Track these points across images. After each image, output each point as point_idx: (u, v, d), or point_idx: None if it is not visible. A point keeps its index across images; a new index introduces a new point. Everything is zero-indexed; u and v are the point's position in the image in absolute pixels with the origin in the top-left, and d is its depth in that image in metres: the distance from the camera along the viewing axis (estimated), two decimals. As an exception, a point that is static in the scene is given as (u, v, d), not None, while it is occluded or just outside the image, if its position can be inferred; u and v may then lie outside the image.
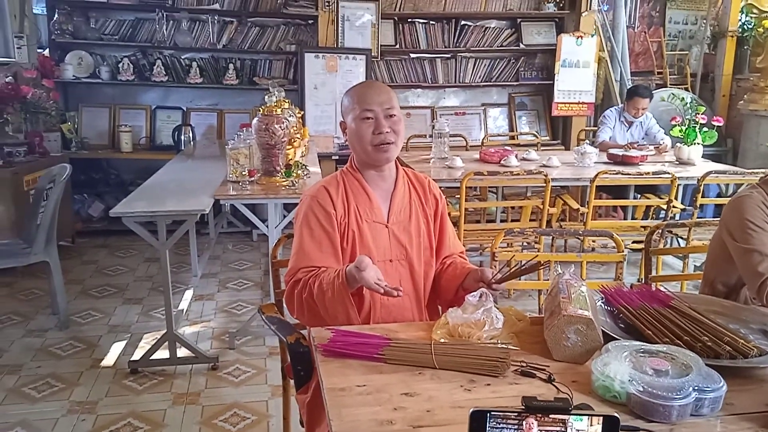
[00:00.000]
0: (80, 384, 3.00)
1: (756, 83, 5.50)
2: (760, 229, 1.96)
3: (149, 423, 2.70)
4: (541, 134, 5.98)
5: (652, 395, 1.20)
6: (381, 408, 1.25)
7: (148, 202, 3.11)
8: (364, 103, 1.79)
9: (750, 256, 1.95)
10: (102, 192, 5.45)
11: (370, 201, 1.84)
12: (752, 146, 5.48)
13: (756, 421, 1.22)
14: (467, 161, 4.36)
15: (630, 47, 6.09)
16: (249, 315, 3.72)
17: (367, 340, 1.47)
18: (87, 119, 5.45)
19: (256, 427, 2.68)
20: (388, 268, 1.83)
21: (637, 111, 4.90)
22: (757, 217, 1.98)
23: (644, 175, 3.98)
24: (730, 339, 1.46)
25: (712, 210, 5.19)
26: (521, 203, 4.26)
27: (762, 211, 1.99)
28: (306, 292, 1.71)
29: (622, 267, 2.30)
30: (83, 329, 3.60)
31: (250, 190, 3.32)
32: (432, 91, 6.15)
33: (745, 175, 4.01)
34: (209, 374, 3.11)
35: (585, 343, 1.43)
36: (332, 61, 5.36)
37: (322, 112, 5.42)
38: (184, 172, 3.97)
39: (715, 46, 6.30)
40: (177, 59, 5.50)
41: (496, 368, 1.37)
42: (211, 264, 4.75)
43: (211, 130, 5.68)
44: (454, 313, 1.56)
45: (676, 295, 1.74)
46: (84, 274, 4.50)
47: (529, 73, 6.08)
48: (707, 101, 6.07)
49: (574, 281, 1.62)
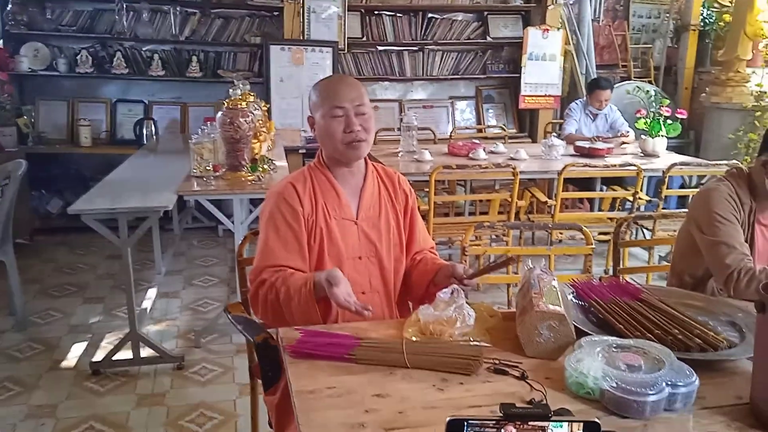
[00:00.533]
0: (39, 387, 2.90)
1: (717, 76, 5.60)
2: (727, 222, 1.98)
3: (112, 426, 2.62)
4: (508, 127, 5.99)
5: (626, 391, 1.19)
6: (352, 410, 1.21)
7: (109, 199, 3.01)
8: (335, 99, 1.74)
9: (717, 248, 1.97)
10: (61, 188, 5.28)
11: (339, 198, 1.80)
12: (714, 138, 5.58)
13: (728, 414, 1.22)
14: (435, 155, 4.34)
15: (595, 41, 6.14)
16: (215, 312, 3.65)
17: (336, 341, 1.43)
18: (44, 113, 5.27)
19: (223, 427, 2.62)
20: (358, 266, 1.79)
21: (600, 103, 4.94)
22: (724, 209, 1.99)
23: (611, 167, 4.01)
24: (700, 332, 1.47)
25: (675, 201, 5.27)
26: (490, 196, 4.26)
27: (729, 204, 2.00)
28: (272, 294, 1.66)
29: (591, 260, 2.30)
30: (42, 330, 3.49)
31: (215, 185, 3.24)
32: (400, 84, 6.12)
33: (708, 167, 4.07)
34: (174, 374, 3.04)
35: (558, 339, 1.42)
36: (298, 54, 5.28)
37: (288, 105, 5.34)
38: (147, 168, 3.87)
39: (677, 40, 6.40)
40: (138, 51, 5.35)
41: (469, 366, 1.35)
42: (175, 261, 4.65)
43: (174, 124, 5.55)
44: (425, 310, 1.53)
45: (646, 288, 1.74)
46: (42, 272, 4.35)
47: (496, 66, 6.09)
48: (670, 94, 6.16)
49: (545, 276, 1.60)
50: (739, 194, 2.03)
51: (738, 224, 2.00)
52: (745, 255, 1.95)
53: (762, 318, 1.20)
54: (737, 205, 2.02)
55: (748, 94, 5.37)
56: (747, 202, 2.04)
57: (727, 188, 2.04)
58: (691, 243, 2.10)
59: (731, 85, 5.45)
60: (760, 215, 2.06)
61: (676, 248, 2.25)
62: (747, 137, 5.22)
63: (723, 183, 2.07)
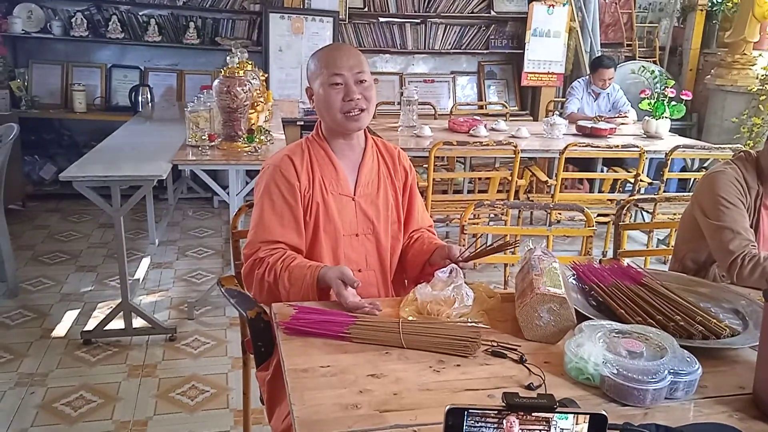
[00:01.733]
0: (29, 355, 2.87)
1: (723, 58, 5.52)
2: (732, 206, 1.94)
3: (103, 396, 2.60)
4: (509, 104, 5.92)
5: (627, 378, 1.16)
6: (346, 390, 1.18)
7: (103, 166, 2.96)
8: (333, 67, 1.68)
9: (721, 233, 1.93)
10: (54, 153, 5.21)
11: (337, 172, 1.75)
12: (717, 121, 5.52)
13: (730, 404, 1.19)
14: (436, 130, 4.28)
15: (601, 18, 6.04)
16: (209, 284, 3.62)
17: (331, 318, 1.40)
18: (38, 76, 5.17)
19: (215, 400, 2.61)
20: (354, 243, 1.75)
21: (603, 82, 4.87)
22: (730, 193, 1.95)
23: (613, 148, 3.96)
24: (702, 318, 1.44)
25: (676, 184, 5.23)
26: (490, 174, 4.21)
27: (735, 188, 1.96)
28: (270, 276, 1.62)
29: (591, 242, 2.27)
30: (33, 297, 3.45)
31: (210, 155, 3.18)
32: (401, 56, 6.02)
33: (711, 150, 4.02)
34: (166, 345, 3.01)
35: (558, 323, 1.38)
36: (298, 23, 5.17)
37: (287, 75, 5.25)
38: (141, 135, 3.80)
39: (684, 20, 6.29)
40: (134, 15, 5.24)
41: (467, 348, 1.32)
42: (169, 231, 4.60)
43: (170, 91, 5.46)
44: (423, 289, 1.49)
45: (647, 272, 1.70)
46: (35, 239, 4.31)
47: (499, 42, 5.99)
48: (674, 75, 6.08)
49: (545, 257, 1.57)
50: (746, 178, 1.99)
51: (743, 209, 1.96)
52: (749, 241, 1.91)
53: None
54: (744, 189, 1.98)
55: (753, 78, 5.30)
56: (754, 187, 1.99)
57: (733, 172, 1.99)
58: (695, 227, 2.06)
59: (737, 68, 5.37)
60: (766, 200, 2.02)
61: (679, 232, 2.21)
62: (751, 121, 5.16)
63: (729, 166, 2.02)
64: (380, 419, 1.09)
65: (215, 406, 2.57)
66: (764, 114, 5.13)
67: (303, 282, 1.57)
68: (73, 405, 2.53)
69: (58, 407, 2.51)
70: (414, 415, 1.11)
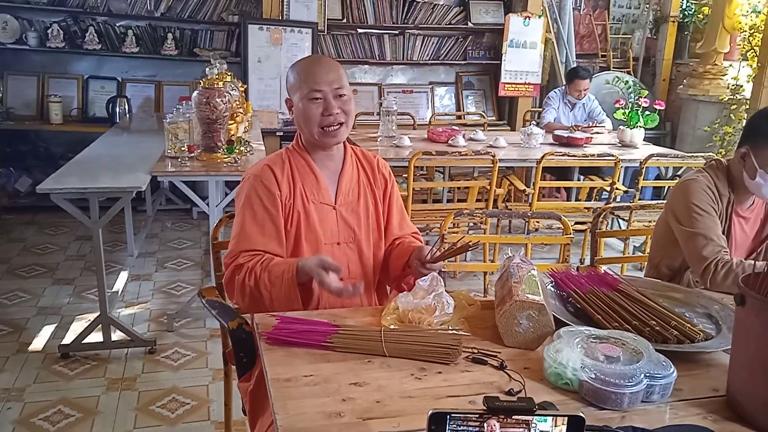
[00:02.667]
0: (6, 370, 2.83)
1: (695, 68, 5.64)
2: (705, 213, 1.98)
3: (82, 410, 2.56)
4: (487, 114, 5.98)
5: (604, 382, 1.19)
6: (329, 399, 1.19)
7: (80, 178, 2.93)
8: (313, 82, 1.69)
9: (695, 240, 1.98)
10: (30, 166, 5.14)
11: (318, 181, 1.76)
12: (690, 130, 5.64)
13: (704, 406, 1.22)
14: (415, 140, 4.31)
15: (576, 29, 6.14)
16: (189, 296, 3.59)
17: (313, 328, 1.41)
18: (13, 88, 5.11)
19: (196, 412, 2.59)
20: (336, 252, 1.76)
21: (579, 93, 4.95)
22: (702, 201, 2.00)
23: (589, 157, 4.02)
24: (677, 323, 1.47)
25: (651, 192, 5.32)
26: (469, 184, 4.25)
27: (708, 195, 2.01)
28: (250, 280, 1.62)
29: (568, 249, 2.30)
30: (9, 311, 3.40)
31: (190, 166, 3.18)
32: (379, 67, 6.06)
33: (685, 158, 4.11)
34: (146, 358, 2.99)
35: (537, 329, 1.40)
36: (277, 34, 5.19)
37: (266, 86, 5.25)
38: (119, 147, 3.77)
39: (657, 31, 6.43)
40: (111, 26, 5.21)
41: (448, 355, 1.33)
42: (148, 243, 4.57)
43: (149, 102, 5.43)
44: (404, 298, 1.51)
45: (624, 279, 1.74)
46: (10, 252, 4.24)
47: (476, 53, 6.06)
48: (648, 85, 6.20)
49: (524, 264, 1.59)
50: (717, 186, 2.04)
51: (716, 216, 2.01)
52: (722, 247, 1.96)
53: (741, 311, 1.20)
54: (715, 196, 2.03)
55: (724, 87, 5.43)
56: (725, 194, 2.04)
57: (705, 180, 2.04)
58: (669, 233, 2.10)
59: (708, 78, 5.50)
60: (738, 207, 2.07)
61: (653, 239, 2.25)
62: (722, 130, 5.28)
63: (702, 174, 2.08)
64: (363, 427, 1.11)
65: (196, 418, 2.55)
66: (735, 123, 5.25)
67: (283, 278, 1.57)
68: (51, 420, 2.49)
69: (36, 422, 2.47)
70: (397, 422, 1.12)
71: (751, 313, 1.17)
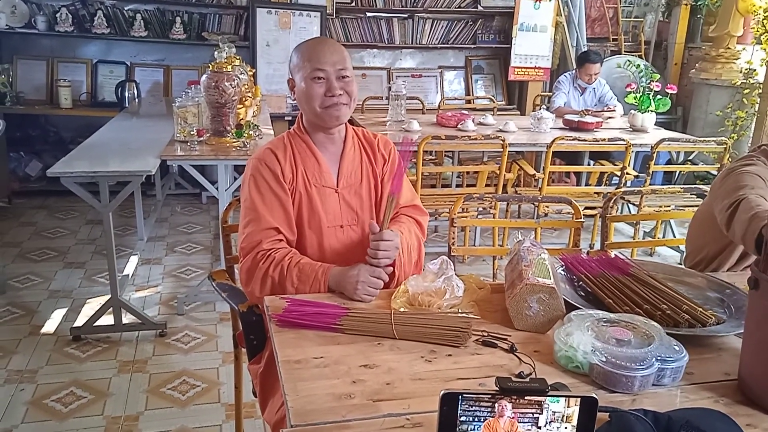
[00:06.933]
0: (18, 352, 2.86)
1: (707, 52, 5.57)
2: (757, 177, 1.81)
3: (93, 392, 2.59)
4: (497, 98, 5.94)
5: (615, 366, 1.18)
6: (339, 381, 1.19)
7: (90, 162, 2.94)
8: (316, 62, 1.68)
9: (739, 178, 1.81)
10: (40, 150, 5.16)
11: (319, 164, 1.75)
12: (701, 114, 5.58)
13: (715, 390, 1.22)
14: (424, 125, 4.29)
15: (587, 13, 6.07)
16: (198, 280, 3.61)
17: (323, 310, 1.41)
18: (22, 72, 5.12)
19: (206, 395, 2.61)
20: (339, 234, 1.75)
21: (589, 77, 4.90)
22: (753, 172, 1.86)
23: (600, 141, 3.99)
24: (688, 307, 1.46)
25: (661, 177, 5.28)
26: (478, 168, 4.23)
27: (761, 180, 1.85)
28: (276, 272, 1.60)
29: (579, 234, 2.29)
30: (21, 294, 3.43)
31: (199, 150, 3.18)
32: (388, 51, 6.02)
33: (696, 143, 4.07)
34: (157, 341, 3.01)
35: (547, 313, 1.40)
36: (285, 18, 5.16)
37: (274, 70, 5.23)
38: (129, 131, 3.78)
39: (669, 14, 6.35)
40: (120, 10, 5.20)
41: (458, 338, 1.33)
42: (158, 227, 4.59)
43: (157, 86, 5.43)
44: (414, 281, 1.51)
45: (634, 263, 1.73)
46: (22, 236, 4.27)
47: (486, 36, 6.01)
48: (660, 69, 6.13)
49: (534, 248, 1.59)
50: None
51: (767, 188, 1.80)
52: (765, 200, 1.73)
53: (754, 295, 1.19)
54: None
55: (737, 71, 5.36)
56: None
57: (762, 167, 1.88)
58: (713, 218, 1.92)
59: (721, 62, 5.44)
60: None
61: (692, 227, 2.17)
62: (735, 115, 5.23)
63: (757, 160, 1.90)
64: (373, 408, 1.11)
65: (206, 400, 2.57)
66: (748, 107, 5.19)
67: (313, 282, 1.58)
68: (63, 401, 2.52)
69: (48, 403, 2.50)
70: (407, 404, 1.12)
71: (765, 296, 1.16)
